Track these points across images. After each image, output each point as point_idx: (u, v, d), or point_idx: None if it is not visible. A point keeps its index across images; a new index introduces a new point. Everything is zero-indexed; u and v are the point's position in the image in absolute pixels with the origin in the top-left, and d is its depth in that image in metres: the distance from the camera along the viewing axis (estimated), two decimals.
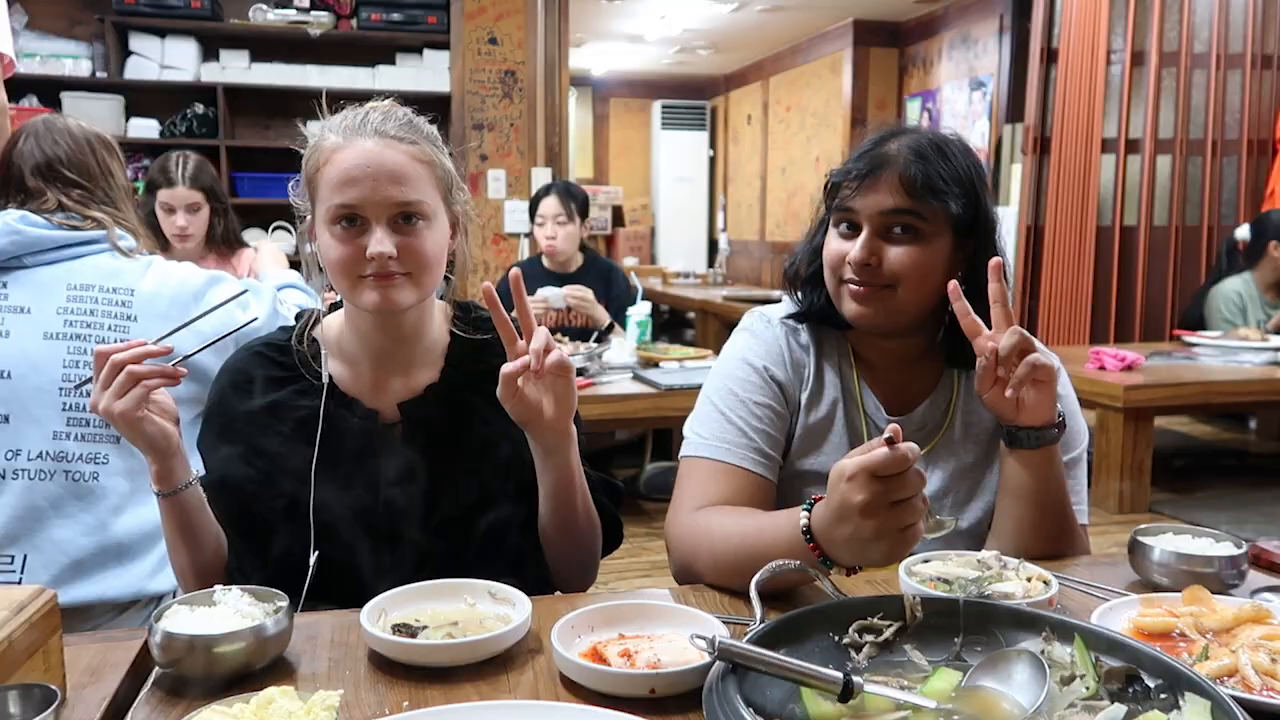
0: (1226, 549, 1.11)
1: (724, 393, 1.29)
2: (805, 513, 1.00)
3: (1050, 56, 5.13)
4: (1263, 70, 5.21)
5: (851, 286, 1.24)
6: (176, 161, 2.85)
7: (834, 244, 1.27)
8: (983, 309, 1.20)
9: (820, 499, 0.98)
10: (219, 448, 1.23)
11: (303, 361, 1.24)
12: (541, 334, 1.07)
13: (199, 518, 1.16)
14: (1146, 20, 5.10)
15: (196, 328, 1.20)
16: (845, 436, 1.31)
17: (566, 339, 3.48)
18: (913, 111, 8.62)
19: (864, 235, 1.22)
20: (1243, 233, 4.51)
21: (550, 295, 3.49)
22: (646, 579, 2.98)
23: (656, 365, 3.42)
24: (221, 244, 2.97)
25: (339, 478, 1.19)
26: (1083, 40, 5.06)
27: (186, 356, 1.12)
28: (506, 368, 1.07)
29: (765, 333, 1.34)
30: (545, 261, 3.66)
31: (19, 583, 1.44)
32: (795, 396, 1.32)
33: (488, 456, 1.19)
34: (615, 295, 3.68)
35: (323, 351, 1.24)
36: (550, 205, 3.58)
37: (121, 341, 1.47)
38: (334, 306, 1.29)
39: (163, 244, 2.82)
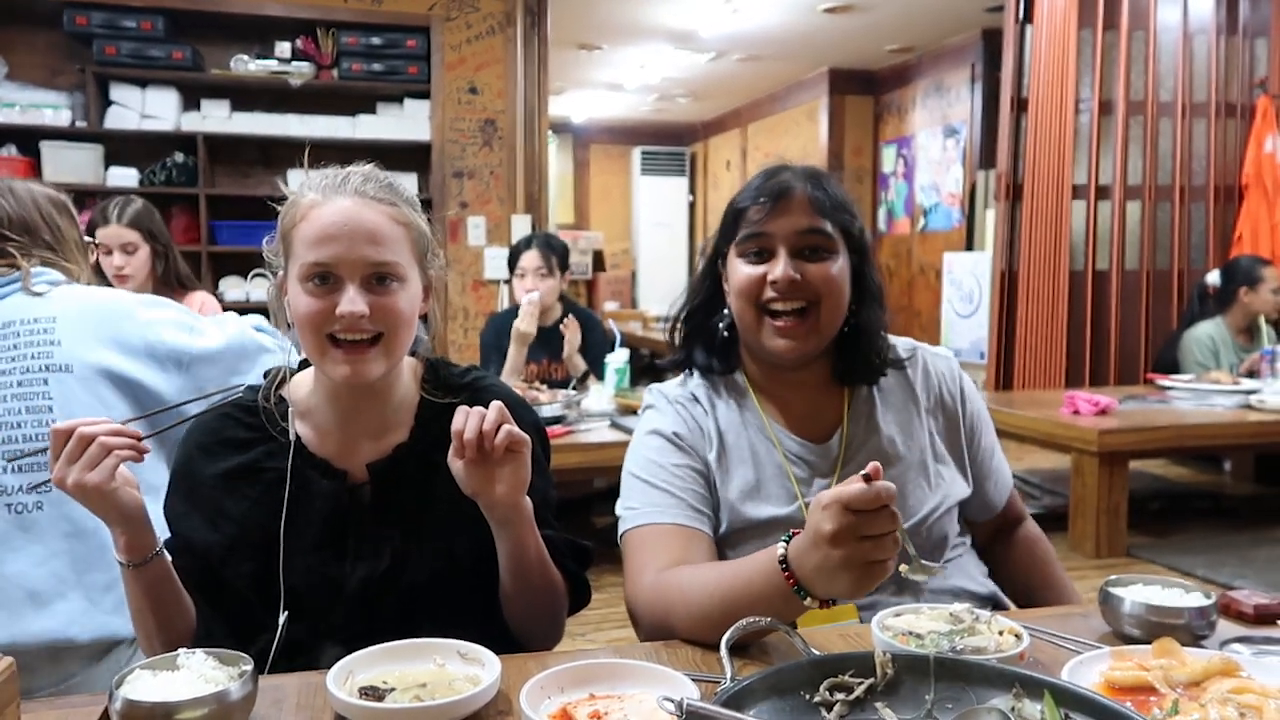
0: (1196, 600, 1.12)
1: (643, 463, 1.33)
2: (784, 542, 1.02)
3: (1020, 105, 5.23)
4: (1226, 118, 5.33)
5: (777, 321, 1.29)
6: (116, 202, 2.83)
7: (746, 270, 1.30)
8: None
9: (799, 532, 1.00)
10: (186, 512, 1.21)
11: (270, 421, 1.22)
12: (494, 410, 1.07)
13: (168, 586, 1.14)
14: (1113, 71, 5.22)
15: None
16: (780, 482, 1.33)
17: (545, 387, 3.47)
18: (888, 157, 8.76)
19: (782, 255, 1.27)
20: (1213, 278, 4.59)
21: (530, 299, 3.43)
22: (623, 630, 2.94)
23: (634, 412, 3.42)
24: (165, 286, 2.90)
25: (308, 539, 1.18)
26: (1051, 90, 5.17)
27: (150, 435, 1.11)
28: (450, 455, 1.08)
29: (667, 406, 1.39)
30: None
31: None
32: (705, 458, 1.34)
33: (457, 516, 1.18)
34: (593, 344, 3.68)
35: (290, 411, 1.23)
36: (531, 259, 3.53)
37: (46, 368, 1.49)
38: (304, 364, 1.28)
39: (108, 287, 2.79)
